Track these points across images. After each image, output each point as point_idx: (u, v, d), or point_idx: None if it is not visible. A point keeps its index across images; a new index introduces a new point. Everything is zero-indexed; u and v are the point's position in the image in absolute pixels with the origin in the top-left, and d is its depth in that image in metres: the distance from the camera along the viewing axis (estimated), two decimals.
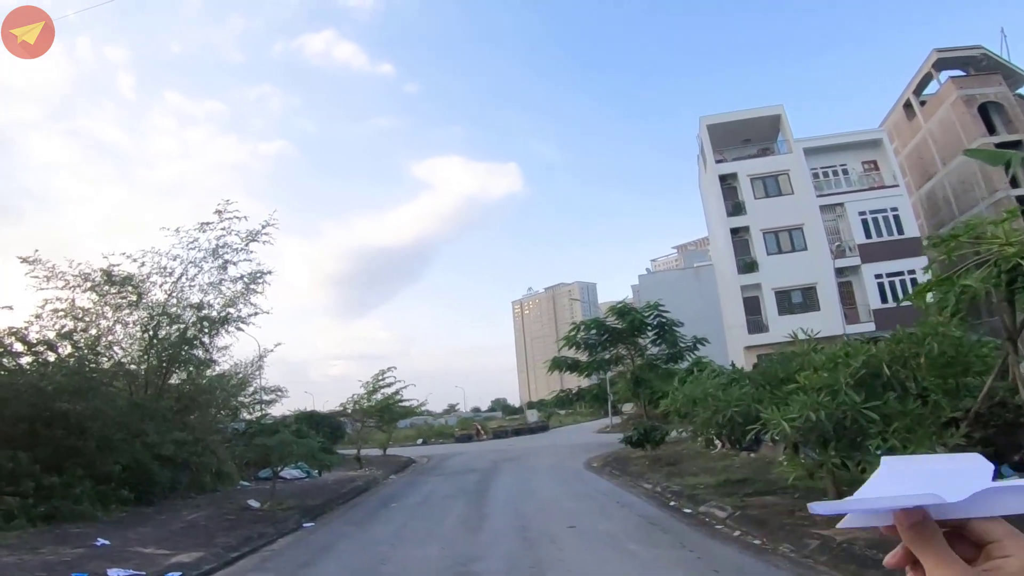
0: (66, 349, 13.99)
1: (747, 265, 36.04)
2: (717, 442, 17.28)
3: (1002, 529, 0.62)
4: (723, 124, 38.19)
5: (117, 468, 12.46)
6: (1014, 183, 32.15)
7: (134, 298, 16.22)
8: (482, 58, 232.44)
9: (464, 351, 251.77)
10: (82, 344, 14.64)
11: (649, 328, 29.78)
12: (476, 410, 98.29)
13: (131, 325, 16.57)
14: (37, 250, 15.24)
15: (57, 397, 11.65)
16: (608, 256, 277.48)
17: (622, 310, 30.24)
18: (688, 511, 10.90)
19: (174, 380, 17.86)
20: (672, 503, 11.87)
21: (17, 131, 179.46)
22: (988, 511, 0.61)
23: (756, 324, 35.37)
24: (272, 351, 23.28)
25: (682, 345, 29.98)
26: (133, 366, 16.68)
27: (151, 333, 16.38)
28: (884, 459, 0.68)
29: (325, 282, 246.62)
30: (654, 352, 30.59)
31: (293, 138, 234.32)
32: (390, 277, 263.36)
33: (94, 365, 14.31)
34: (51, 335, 14.20)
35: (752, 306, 35.93)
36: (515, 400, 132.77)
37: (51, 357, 13.34)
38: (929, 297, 8.64)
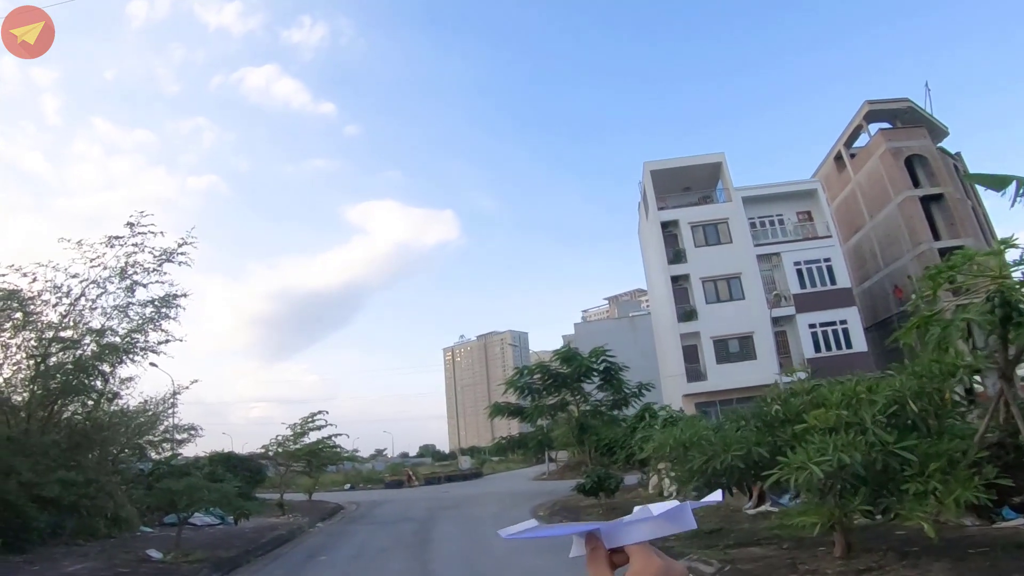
0: None
1: (686, 313, 35.93)
2: (668, 490, 16.28)
3: (635, 547, 0.79)
4: (666, 170, 38.47)
5: None
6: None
7: (19, 316, 13.91)
8: (424, 105, 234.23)
9: (393, 396, 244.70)
10: None
11: (595, 374, 28.88)
12: (404, 455, 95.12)
13: (14, 349, 14.19)
14: None
15: None
16: (540, 306, 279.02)
17: (567, 355, 29.25)
18: None
19: (67, 414, 15.44)
20: None
21: None
22: (637, 538, 0.79)
23: (695, 372, 35.18)
24: (188, 388, 21.16)
25: (627, 391, 29.21)
26: (17, 397, 14.29)
27: (38, 359, 14.01)
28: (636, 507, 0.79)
29: (249, 323, 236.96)
30: (599, 398, 29.68)
31: (225, 174, 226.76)
32: (318, 321, 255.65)
33: None
34: None
35: (691, 355, 35.71)
36: (444, 446, 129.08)
37: None
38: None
